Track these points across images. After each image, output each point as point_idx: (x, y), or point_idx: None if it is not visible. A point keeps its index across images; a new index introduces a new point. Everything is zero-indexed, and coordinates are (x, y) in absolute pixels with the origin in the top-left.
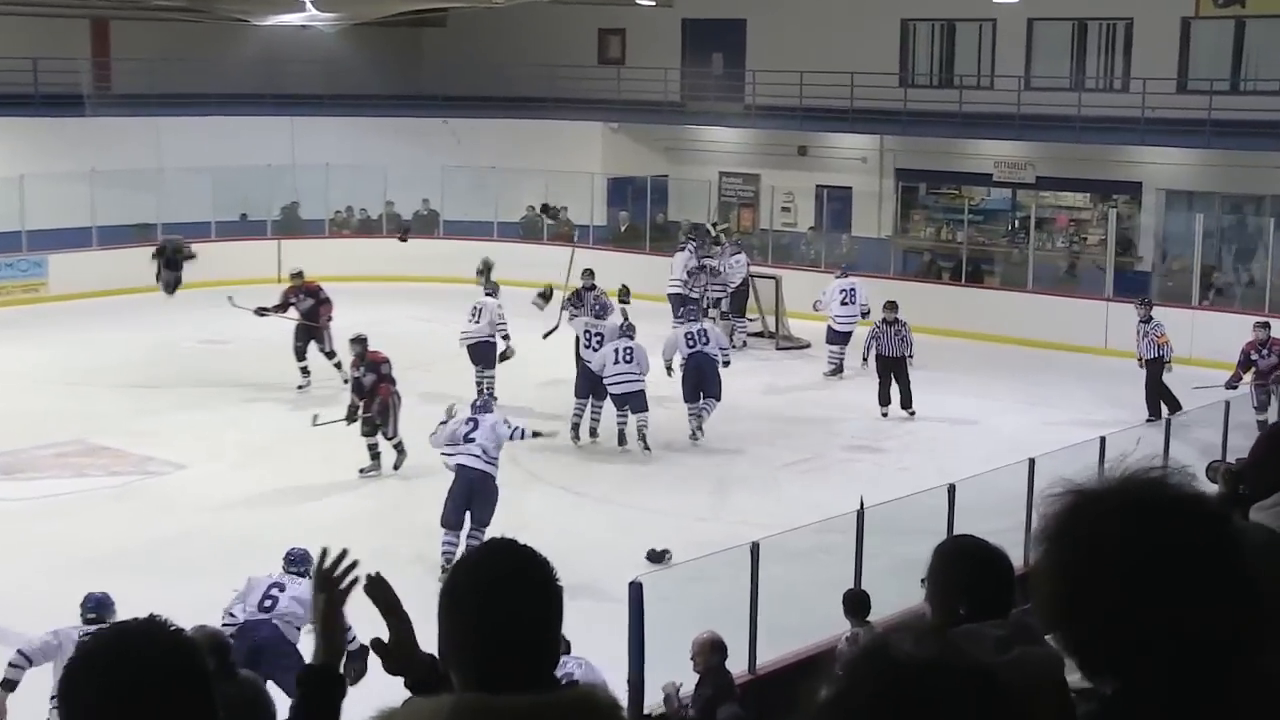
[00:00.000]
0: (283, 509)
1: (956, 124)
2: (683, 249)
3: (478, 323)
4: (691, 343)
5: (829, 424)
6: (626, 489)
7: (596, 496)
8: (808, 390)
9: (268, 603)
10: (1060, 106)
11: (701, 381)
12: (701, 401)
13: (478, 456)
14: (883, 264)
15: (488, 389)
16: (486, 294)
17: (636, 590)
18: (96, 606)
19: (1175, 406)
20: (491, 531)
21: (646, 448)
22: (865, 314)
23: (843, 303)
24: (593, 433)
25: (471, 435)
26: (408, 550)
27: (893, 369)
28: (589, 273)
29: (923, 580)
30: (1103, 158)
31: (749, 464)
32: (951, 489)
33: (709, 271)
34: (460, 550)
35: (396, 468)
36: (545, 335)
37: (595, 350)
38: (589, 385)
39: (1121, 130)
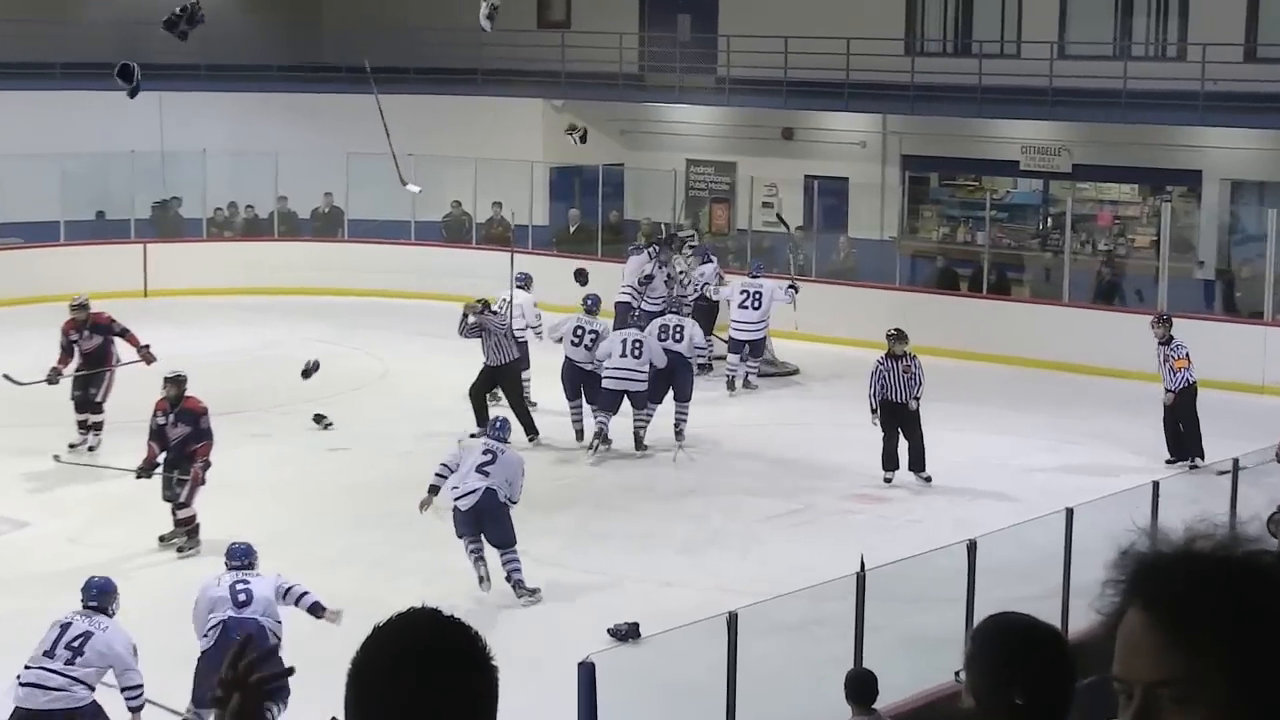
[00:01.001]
0: (146, 580)
1: (975, 101)
2: (638, 251)
3: (591, 348)
4: (664, 337)
5: (822, 466)
6: (578, 546)
7: (542, 556)
8: (795, 425)
9: (242, 597)
10: (1102, 79)
11: (673, 382)
12: (676, 408)
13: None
14: (886, 271)
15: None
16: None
17: (588, 672)
18: (99, 594)
19: (1196, 450)
20: (426, 594)
21: (643, 447)
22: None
23: (741, 305)
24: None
25: (486, 468)
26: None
27: (900, 419)
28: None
29: (957, 673)
30: (1154, 141)
31: (725, 515)
32: (972, 546)
33: (670, 283)
34: (484, 564)
35: (173, 544)
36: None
37: (588, 349)
38: (578, 384)
39: (1176, 108)
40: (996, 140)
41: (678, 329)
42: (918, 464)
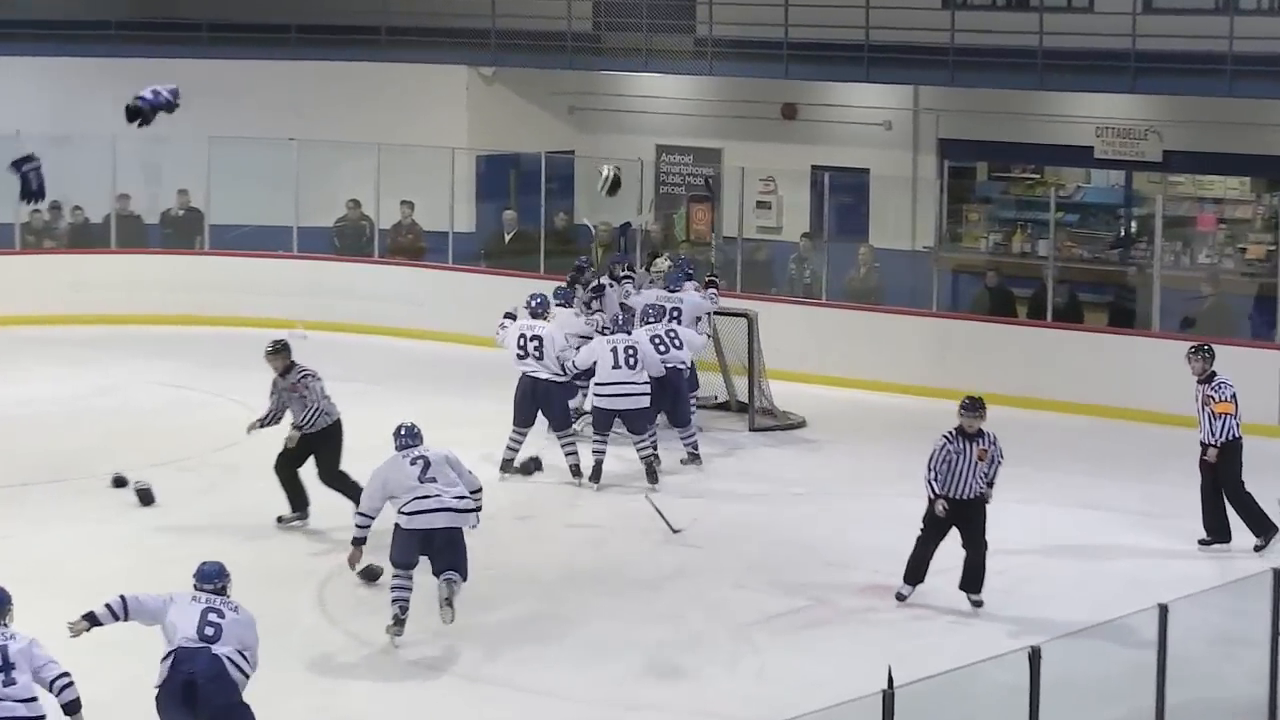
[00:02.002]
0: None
1: (1035, 69)
2: (564, 300)
3: (540, 358)
4: (663, 349)
5: (835, 549)
6: (515, 654)
7: (466, 668)
8: (800, 496)
9: (209, 630)
10: (1201, 39)
11: (674, 401)
12: (678, 432)
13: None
14: (920, 293)
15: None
16: (558, 304)
17: None
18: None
19: (1258, 525)
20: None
21: (653, 480)
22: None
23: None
24: (521, 465)
25: (430, 475)
26: None
27: (961, 518)
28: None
29: None
30: (1269, 120)
31: (709, 614)
32: (1035, 655)
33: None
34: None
35: None
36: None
37: (537, 359)
38: (533, 408)
39: None
40: (1063, 120)
41: (672, 336)
42: (972, 581)
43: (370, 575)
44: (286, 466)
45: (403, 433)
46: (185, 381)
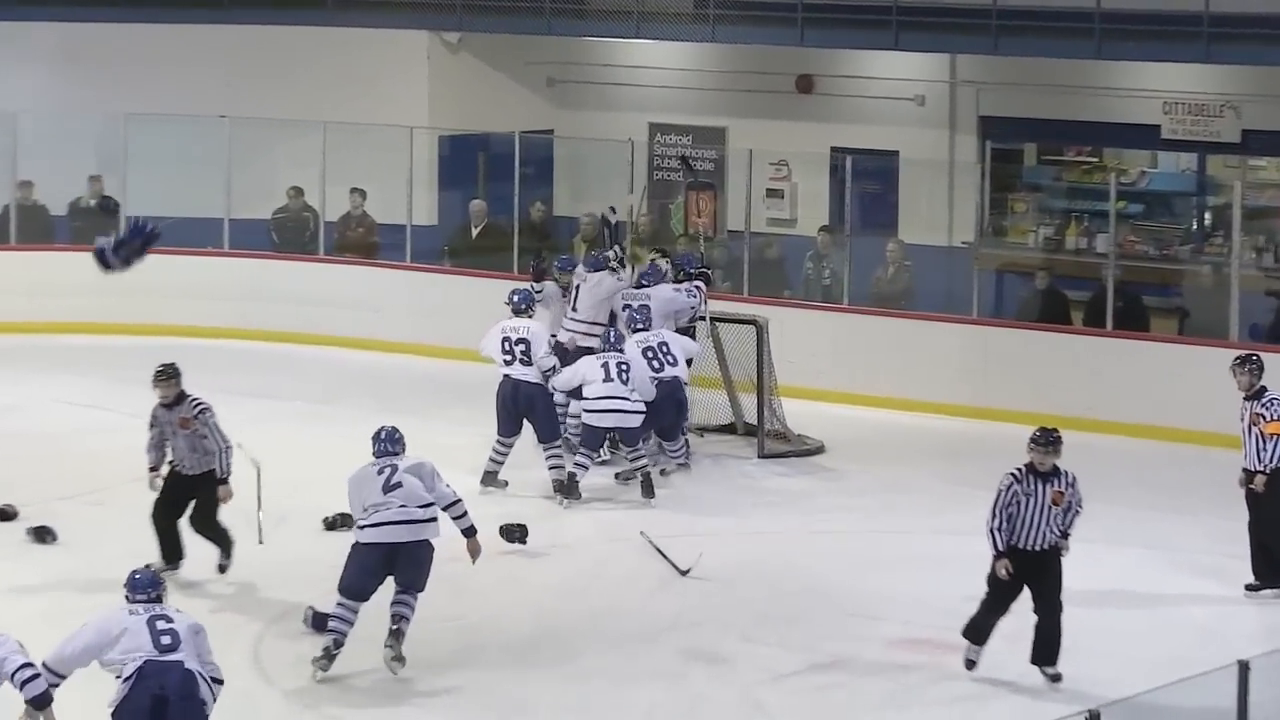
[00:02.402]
0: None
1: (1092, 35)
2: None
3: (527, 361)
4: (657, 365)
5: (859, 596)
6: None
7: None
8: (819, 534)
9: (166, 639)
10: None
11: (676, 414)
12: (667, 446)
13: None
14: (957, 296)
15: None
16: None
17: None
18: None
19: None
20: None
21: (649, 494)
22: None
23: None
24: (498, 479)
25: (393, 489)
26: None
27: (1032, 574)
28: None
29: None
30: None
31: (710, 674)
32: None
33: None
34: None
35: None
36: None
37: (524, 363)
38: (516, 415)
39: None
40: (1126, 94)
41: (664, 350)
42: (1047, 653)
43: (319, 624)
44: (166, 515)
45: (382, 437)
46: (97, 400)
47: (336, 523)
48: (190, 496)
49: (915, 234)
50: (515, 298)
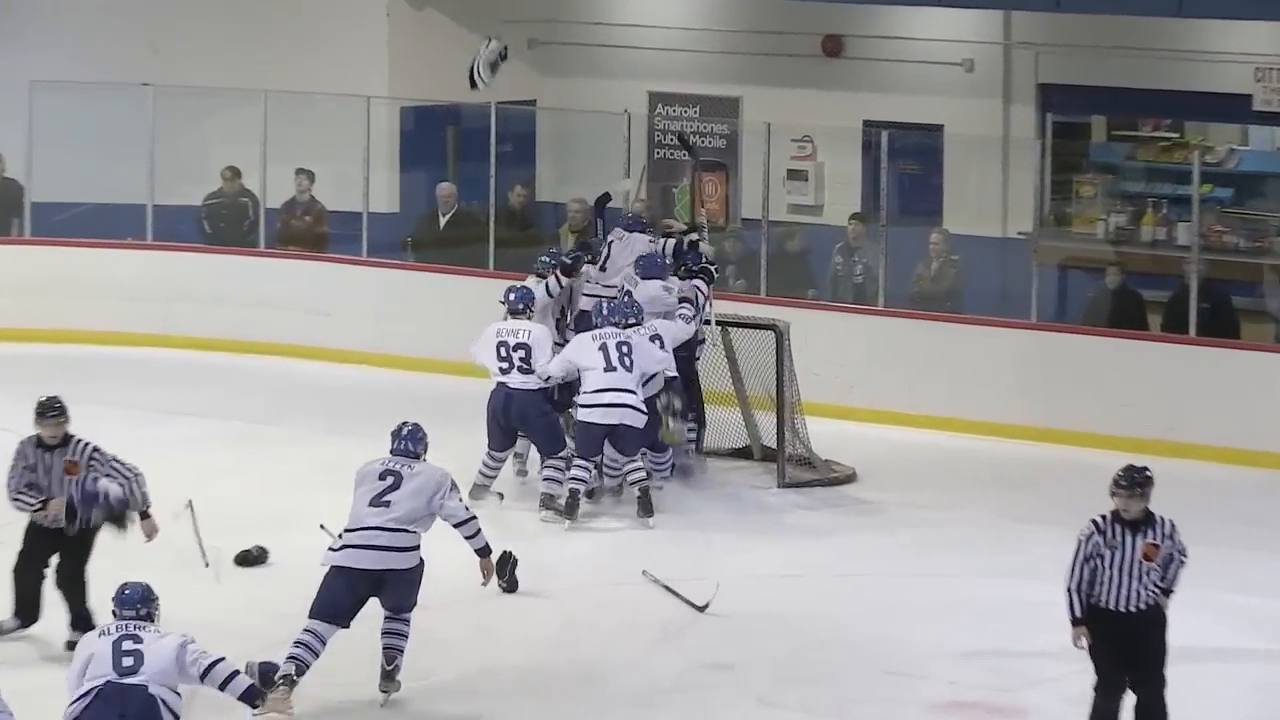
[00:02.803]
0: None
1: None
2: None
3: (527, 370)
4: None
5: (896, 652)
6: None
7: None
8: (850, 577)
9: (128, 660)
10: None
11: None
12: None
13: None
14: (1013, 296)
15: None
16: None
17: None
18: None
19: None
20: None
21: (647, 513)
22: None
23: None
24: (489, 491)
25: (387, 496)
26: None
27: (1125, 641)
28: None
29: None
30: None
31: None
32: None
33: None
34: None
35: None
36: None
37: (522, 371)
38: (508, 427)
39: None
40: (1211, 59)
41: (656, 342)
42: None
43: (265, 679)
44: (29, 570)
45: (403, 434)
46: None
47: (250, 558)
48: (56, 549)
49: (963, 223)
50: (513, 296)
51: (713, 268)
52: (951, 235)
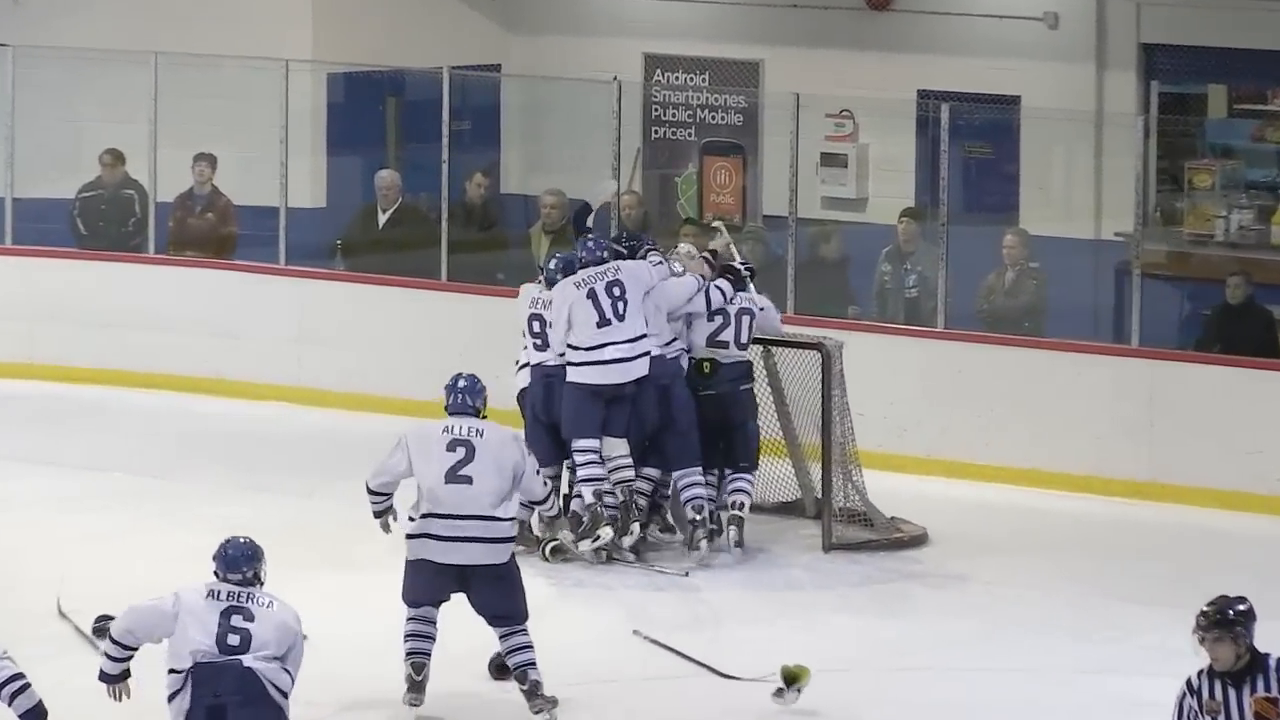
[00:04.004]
0: None
1: None
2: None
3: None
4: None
5: None
6: None
7: None
8: (911, 670)
9: (233, 638)
10: None
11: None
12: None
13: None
14: (1110, 314)
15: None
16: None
17: None
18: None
19: None
20: None
21: (625, 531)
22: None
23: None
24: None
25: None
26: None
27: None
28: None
29: None
30: None
31: None
32: None
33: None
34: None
35: None
36: None
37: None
38: (554, 435)
39: None
40: None
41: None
42: None
43: None
44: None
45: (459, 387)
46: None
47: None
48: None
49: (1045, 222)
50: (552, 265)
51: (745, 267)
52: (1030, 237)
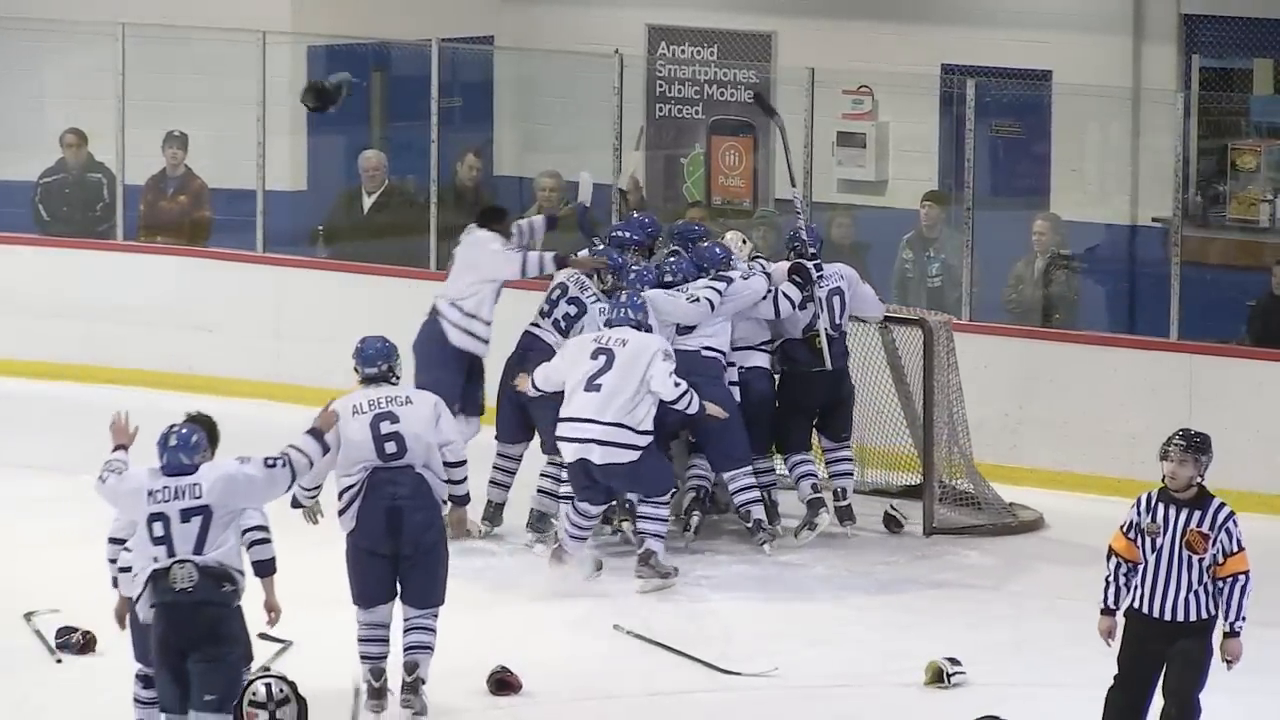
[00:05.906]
0: None
1: None
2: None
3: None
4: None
5: None
6: None
7: None
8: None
9: (390, 445)
10: None
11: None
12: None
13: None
14: (1149, 308)
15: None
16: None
17: None
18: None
19: None
20: None
21: (769, 531)
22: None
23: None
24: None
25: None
26: None
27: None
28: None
29: None
30: None
31: None
32: None
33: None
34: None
35: None
36: None
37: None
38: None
39: None
40: None
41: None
42: None
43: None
44: None
45: (621, 300)
46: None
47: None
48: None
49: (1078, 206)
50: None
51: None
52: (1062, 222)
